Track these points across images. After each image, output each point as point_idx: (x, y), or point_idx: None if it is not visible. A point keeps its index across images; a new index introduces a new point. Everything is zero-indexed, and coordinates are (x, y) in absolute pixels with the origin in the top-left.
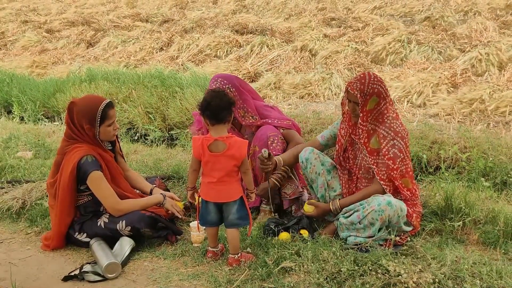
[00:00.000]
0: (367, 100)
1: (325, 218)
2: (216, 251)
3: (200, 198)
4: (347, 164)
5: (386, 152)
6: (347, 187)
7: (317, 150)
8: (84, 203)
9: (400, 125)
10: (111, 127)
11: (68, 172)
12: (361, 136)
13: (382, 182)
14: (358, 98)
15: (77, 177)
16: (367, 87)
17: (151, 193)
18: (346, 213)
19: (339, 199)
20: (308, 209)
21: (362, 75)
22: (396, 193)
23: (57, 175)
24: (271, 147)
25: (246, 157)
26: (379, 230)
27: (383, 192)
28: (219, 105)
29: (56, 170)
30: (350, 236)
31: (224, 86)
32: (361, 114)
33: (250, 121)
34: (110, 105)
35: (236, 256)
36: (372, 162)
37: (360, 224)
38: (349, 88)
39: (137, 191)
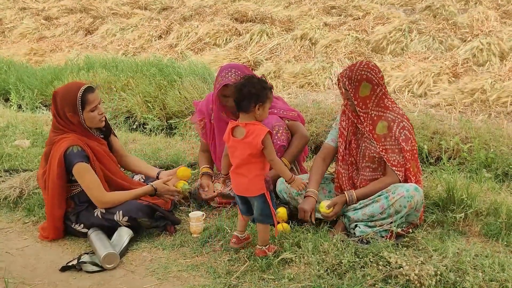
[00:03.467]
0: (357, 87)
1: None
2: (241, 237)
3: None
4: (351, 158)
5: (399, 135)
6: (350, 183)
7: None
8: (77, 193)
9: (400, 109)
10: (95, 112)
11: (56, 163)
12: (366, 124)
13: (394, 168)
14: (347, 85)
15: (65, 168)
16: (355, 73)
17: (157, 178)
18: (355, 210)
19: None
20: (326, 210)
21: (353, 63)
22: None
23: (46, 166)
24: (276, 137)
25: (266, 146)
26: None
27: (399, 182)
28: (240, 95)
29: (45, 162)
30: (357, 227)
31: (238, 77)
32: (355, 102)
33: None
34: (89, 90)
35: (264, 247)
36: (380, 149)
37: (382, 214)
38: (339, 76)
39: (138, 179)
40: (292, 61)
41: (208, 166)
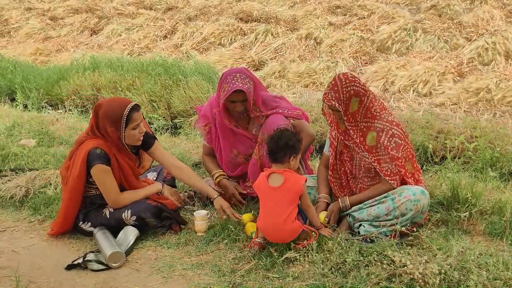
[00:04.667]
0: (348, 105)
1: None
2: (263, 243)
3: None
4: (342, 167)
5: (388, 144)
6: (345, 192)
7: None
8: (91, 196)
9: (390, 114)
10: (136, 130)
11: (80, 160)
12: (355, 136)
13: (387, 178)
14: (338, 107)
15: (86, 166)
16: (342, 93)
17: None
18: (360, 209)
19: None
20: (325, 221)
21: (333, 83)
22: (402, 184)
23: (70, 162)
24: None
25: (304, 192)
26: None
27: (392, 189)
28: (277, 147)
29: (70, 158)
30: (362, 226)
31: (244, 80)
32: (345, 118)
33: (258, 113)
34: (135, 108)
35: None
36: (373, 160)
37: (387, 216)
38: (326, 100)
39: (152, 177)
40: (297, 60)
41: (222, 170)
